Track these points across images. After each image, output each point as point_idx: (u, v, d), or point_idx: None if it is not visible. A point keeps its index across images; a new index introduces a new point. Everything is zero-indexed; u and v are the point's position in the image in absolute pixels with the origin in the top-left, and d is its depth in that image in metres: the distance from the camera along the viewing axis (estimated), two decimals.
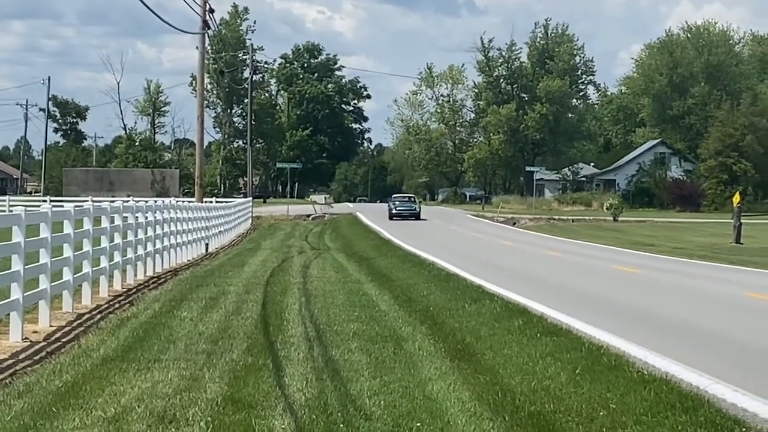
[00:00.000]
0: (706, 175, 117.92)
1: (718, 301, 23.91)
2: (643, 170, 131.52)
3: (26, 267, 16.62)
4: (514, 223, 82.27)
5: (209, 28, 54.59)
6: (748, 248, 48.76)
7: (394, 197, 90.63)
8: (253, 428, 10.35)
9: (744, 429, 9.97)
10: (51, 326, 17.95)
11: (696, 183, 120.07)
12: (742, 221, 56.40)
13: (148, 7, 36.79)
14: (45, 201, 67.80)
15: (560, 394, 12.03)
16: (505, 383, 12.80)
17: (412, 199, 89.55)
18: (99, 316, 19.80)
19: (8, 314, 16.33)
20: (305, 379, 12.99)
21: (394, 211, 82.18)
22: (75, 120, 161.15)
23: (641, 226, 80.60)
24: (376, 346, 15.64)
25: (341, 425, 10.56)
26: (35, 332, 17.30)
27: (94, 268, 22.11)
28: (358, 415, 11.06)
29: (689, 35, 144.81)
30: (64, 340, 16.77)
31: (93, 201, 24.32)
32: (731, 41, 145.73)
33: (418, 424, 10.59)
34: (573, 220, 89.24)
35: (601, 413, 10.92)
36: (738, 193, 67.02)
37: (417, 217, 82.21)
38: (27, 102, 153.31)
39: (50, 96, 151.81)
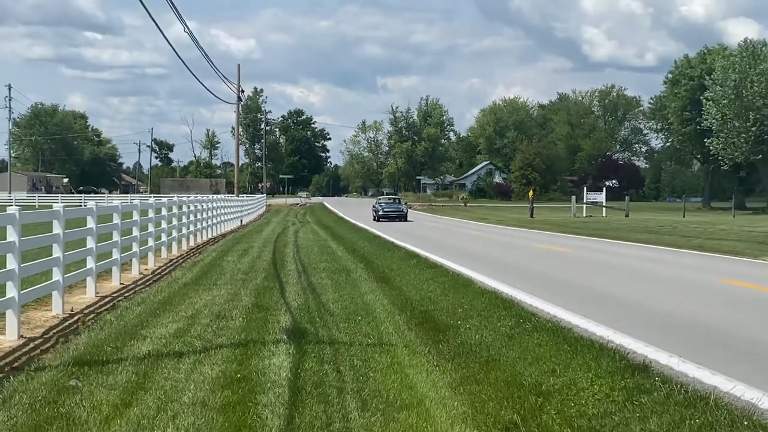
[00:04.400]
0: (514, 181, 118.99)
1: (522, 249, 24.11)
2: (480, 178, 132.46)
3: (141, 233, 16.52)
4: (410, 208, 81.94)
5: (241, 100, 54.53)
6: (537, 221, 49.24)
7: (380, 198, 52.61)
8: (268, 321, 10.30)
9: (537, 318, 10.08)
10: (156, 266, 17.74)
11: (509, 185, 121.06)
12: (534, 206, 57.12)
13: (209, 90, 36.81)
14: (151, 197, 66.75)
15: (437, 300, 12.09)
16: (407, 295, 12.84)
17: (398, 200, 49.62)
18: (182, 261, 19.60)
19: (130, 260, 16.17)
20: (297, 294, 12.94)
21: (381, 212, 45.65)
22: (166, 152, 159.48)
23: (480, 209, 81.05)
24: (335, 275, 15.62)
25: (317, 318, 10.55)
26: (146, 269, 17.06)
27: (179, 233, 21.95)
28: (326, 312, 11.05)
29: (505, 104, 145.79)
30: (163, 273, 16.59)
31: (178, 197, 24.04)
32: (528, 108, 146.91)
33: (359, 318, 10.60)
34: (442, 206, 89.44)
35: (459, 310, 10.99)
36: (531, 190, 67.78)
37: (404, 218, 45.71)
38: (139, 142, 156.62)
39: (152, 138, 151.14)
